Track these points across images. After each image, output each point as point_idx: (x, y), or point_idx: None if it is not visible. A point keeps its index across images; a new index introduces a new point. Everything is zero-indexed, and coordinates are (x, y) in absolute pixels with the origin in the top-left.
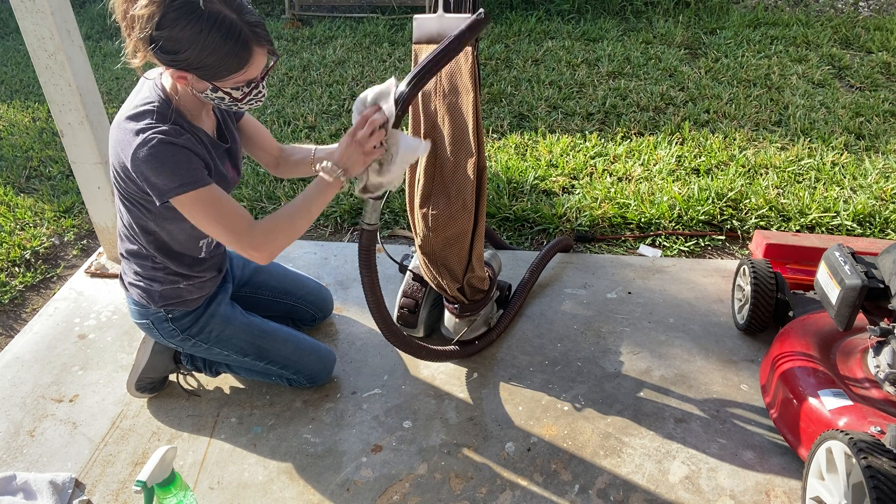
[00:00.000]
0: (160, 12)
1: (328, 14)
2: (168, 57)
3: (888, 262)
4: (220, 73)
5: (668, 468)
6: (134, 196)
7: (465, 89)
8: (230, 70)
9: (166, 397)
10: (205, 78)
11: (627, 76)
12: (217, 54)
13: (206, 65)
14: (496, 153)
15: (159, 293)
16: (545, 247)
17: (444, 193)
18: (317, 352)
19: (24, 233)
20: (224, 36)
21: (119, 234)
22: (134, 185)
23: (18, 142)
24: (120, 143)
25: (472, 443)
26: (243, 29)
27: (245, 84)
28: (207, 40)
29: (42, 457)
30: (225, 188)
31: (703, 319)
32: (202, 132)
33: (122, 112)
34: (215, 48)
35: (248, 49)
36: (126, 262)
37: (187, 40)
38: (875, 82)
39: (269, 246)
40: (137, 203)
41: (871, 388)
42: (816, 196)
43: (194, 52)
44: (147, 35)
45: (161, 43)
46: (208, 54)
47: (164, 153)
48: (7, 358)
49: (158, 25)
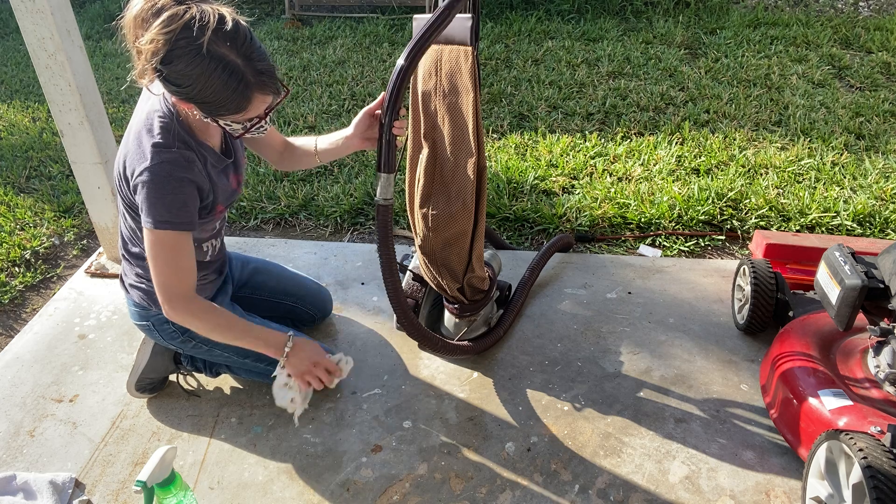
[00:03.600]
0: (164, 49)
1: (328, 14)
2: (172, 87)
3: (888, 262)
4: (220, 113)
5: (668, 468)
6: (135, 207)
7: (465, 89)
8: (230, 111)
9: (166, 397)
10: (205, 112)
11: (627, 76)
12: (217, 95)
13: (206, 102)
14: (496, 153)
15: None
16: (545, 245)
17: (444, 193)
18: None
19: (24, 233)
20: (225, 80)
21: (121, 236)
22: (132, 198)
23: (18, 142)
24: (131, 155)
25: (472, 443)
26: (246, 75)
27: (246, 121)
28: (208, 81)
29: (42, 457)
30: (227, 199)
31: (703, 319)
32: (208, 150)
33: (134, 122)
34: (215, 90)
35: (248, 96)
36: (127, 263)
37: (190, 77)
38: (875, 82)
39: (184, 321)
40: (138, 213)
41: (871, 388)
42: (816, 196)
43: (195, 89)
44: (153, 66)
45: (166, 74)
46: (209, 94)
47: (166, 186)
48: (7, 358)
49: (163, 61)
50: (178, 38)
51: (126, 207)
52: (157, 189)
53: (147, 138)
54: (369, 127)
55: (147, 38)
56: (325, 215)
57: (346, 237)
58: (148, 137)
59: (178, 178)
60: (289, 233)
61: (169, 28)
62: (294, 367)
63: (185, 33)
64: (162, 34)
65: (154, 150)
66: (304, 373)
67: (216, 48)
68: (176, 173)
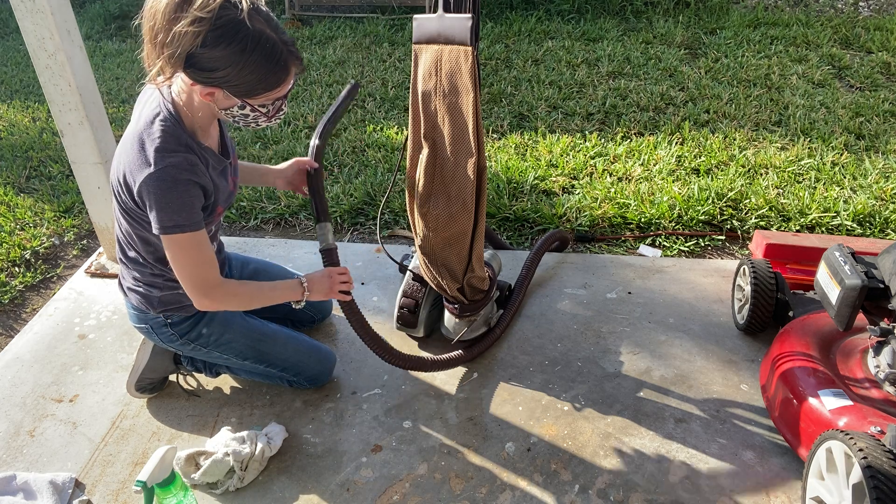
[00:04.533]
0: (206, 30)
1: (328, 14)
2: (203, 74)
3: (888, 262)
4: (256, 91)
5: (668, 468)
6: (134, 212)
7: (465, 89)
8: (266, 88)
9: (166, 397)
10: (237, 95)
11: (627, 76)
12: (257, 73)
13: (243, 82)
14: (496, 153)
15: (158, 299)
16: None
17: (444, 193)
18: (317, 353)
19: (24, 233)
20: (266, 55)
21: (117, 240)
22: (135, 204)
23: (18, 142)
24: (131, 163)
25: (472, 443)
26: (282, 48)
27: (276, 100)
28: (250, 59)
29: (42, 457)
30: (226, 201)
31: (703, 319)
32: (209, 151)
33: (133, 128)
34: (256, 67)
35: (287, 68)
36: (125, 267)
37: (228, 58)
38: (875, 82)
39: (223, 305)
40: (138, 218)
41: (871, 388)
42: (816, 196)
43: (234, 70)
44: (185, 52)
45: (198, 59)
46: (249, 72)
47: (172, 190)
48: (7, 358)
49: (203, 43)
50: (219, 16)
51: (123, 212)
52: (163, 194)
53: (149, 143)
54: (296, 174)
55: (186, 22)
56: None
57: (346, 237)
58: (150, 142)
59: (184, 182)
60: (289, 233)
61: (209, 8)
62: (319, 294)
63: (224, 12)
64: (204, 13)
65: (157, 154)
66: (330, 290)
67: (255, 24)
68: (181, 176)
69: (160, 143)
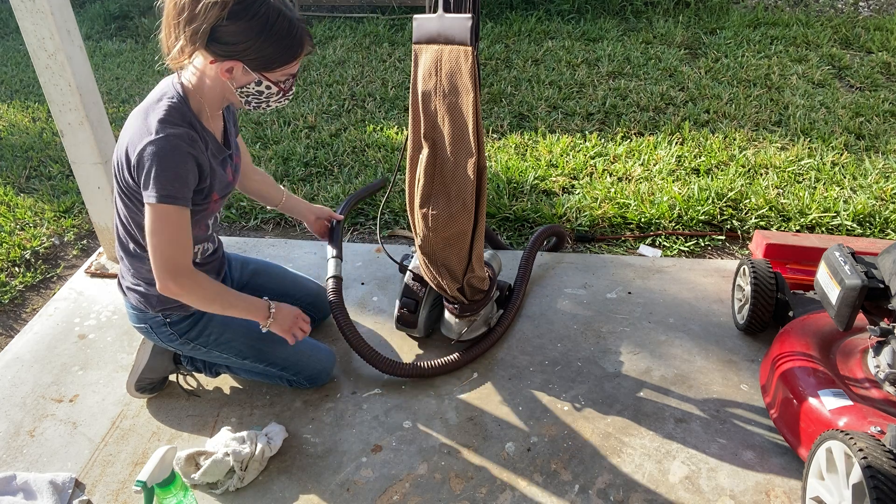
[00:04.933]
0: (228, 6)
1: (328, 14)
2: (224, 48)
3: (888, 262)
4: (273, 65)
5: (668, 468)
6: (131, 190)
7: (465, 89)
8: (282, 62)
9: (166, 397)
10: (255, 69)
11: (627, 76)
12: (276, 46)
13: (262, 55)
14: (496, 153)
15: (157, 297)
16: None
17: (444, 193)
18: (316, 352)
19: (24, 233)
20: (285, 29)
21: (117, 235)
22: (132, 177)
23: (18, 142)
24: (135, 133)
25: (472, 443)
26: (298, 24)
27: (288, 76)
28: (270, 32)
29: (42, 457)
30: (223, 190)
31: (703, 319)
32: (210, 136)
33: (141, 105)
34: (275, 40)
35: (301, 44)
36: (124, 264)
37: (250, 31)
38: (875, 82)
39: (186, 293)
40: (134, 198)
41: (871, 388)
42: (816, 196)
43: (255, 42)
44: (210, 27)
45: (221, 33)
46: (268, 45)
47: (170, 158)
48: (7, 358)
49: (230, 15)
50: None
51: (122, 194)
52: (161, 161)
53: (153, 115)
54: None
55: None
56: None
57: (346, 237)
58: (154, 115)
59: (183, 153)
60: (289, 233)
61: None
62: (278, 327)
63: None
64: None
65: (160, 125)
66: (290, 328)
67: (274, 1)
68: (181, 147)
69: (164, 115)
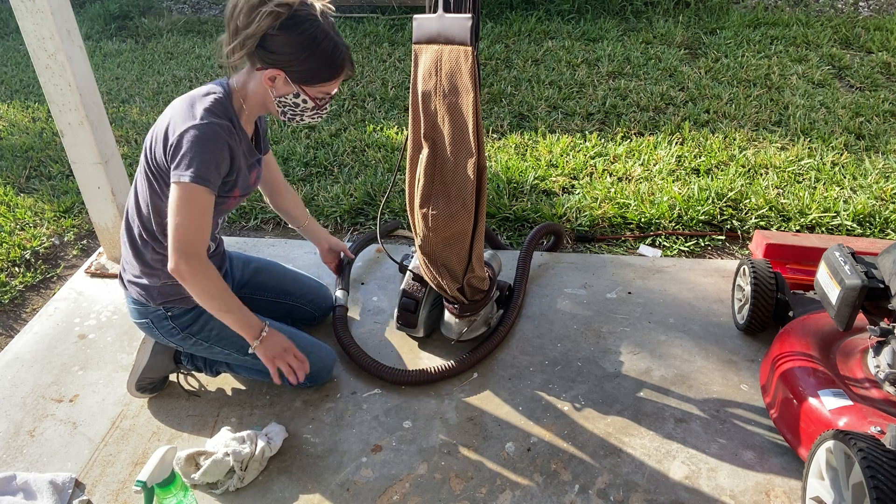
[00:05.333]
0: (286, 14)
1: None
2: (271, 56)
3: (888, 262)
4: (313, 80)
5: (668, 468)
6: (161, 171)
7: (465, 89)
8: (322, 79)
9: (166, 397)
10: (296, 81)
11: (627, 76)
12: (318, 63)
13: (305, 69)
14: (496, 153)
15: (158, 289)
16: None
17: (444, 193)
18: (317, 351)
19: (24, 233)
20: (329, 50)
21: (125, 222)
22: (166, 158)
23: (18, 142)
24: (179, 116)
25: (472, 443)
26: (343, 49)
27: (325, 94)
28: (315, 49)
29: (42, 457)
30: (244, 188)
31: (703, 319)
32: (244, 136)
33: (186, 95)
34: (318, 57)
35: (342, 67)
36: (126, 257)
37: (297, 44)
38: (875, 82)
39: (193, 278)
40: (161, 180)
41: (871, 388)
42: (816, 196)
43: (300, 55)
44: (261, 33)
45: (270, 42)
46: (312, 61)
47: (210, 143)
48: (7, 358)
49: (281, 26)
50: (297, 9)
51: (149, 175)
52: (201, 144)
53: (199, 104)
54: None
55: (269, 8)
56: (326, 215)
57: (346, 237)
58: (200, 104)
59: (222, 141)
60: (289, 233)
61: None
62: (264, 352)
63: (302, 7)
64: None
65: (206, 112)
66: (275, 357)
67: (328, 22)
68: (221, 135)
69: (210, 105)
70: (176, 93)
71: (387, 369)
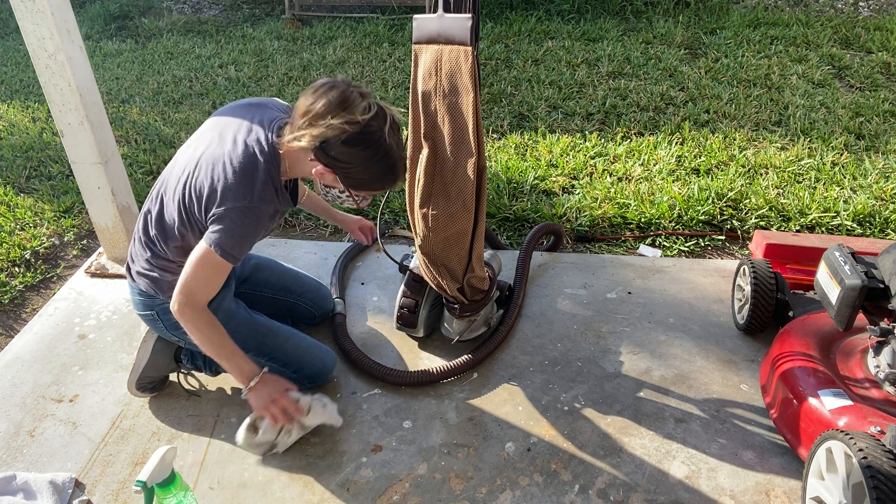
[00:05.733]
0: (348, 132)
1: (328, 14)
2: (328, 159)
3: (888, 262)
4: (363, 188)
5: (668, 468)
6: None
7: (465, 89)
8: (371, 189)
9: (166, 397)
10: (346, 184)
11: (627, 76)
12: (372, 176)
13: (357, 178)
14: (496, 153)
15: (168, 283)
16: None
17: (444, 193)
18: (318, 351)
19: (24, 233)
20: (386, 167)
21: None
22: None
23: (18, 142)
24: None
25: (472, 443)
26: (400, 166)
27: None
28: (372, 165)
29: (42, 457)
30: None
31: (703, 319)
32: (285, 196)
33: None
34: (373, 172)
35: (394, 181)
36: (139, 250)
37: (356, 157)
38: (875, 82)
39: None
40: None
41: (871, 388)
42: (816, 196)
43: (356, 167)
44: (326, 138)
45: (331, 147)
46: (366, 174)
47: (250, 227)
48: (7, 358)
49: (344, 142)
50: (367, 124)
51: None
52: (242, 227)
53: (252, 178)
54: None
55: (340, 121)
56: None
57: (347, 237)
58: (253, 177)
59: (263, 225)
60: (289, 233)
61: (363, 116)
62: (255, 399)
63: (372, 122)
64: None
65: (259, 194)
66: (264, 406)
67: (389, 140)
68: (263, 222)
69: (263, 185)
70: (176, 93)
71: (387, 371)
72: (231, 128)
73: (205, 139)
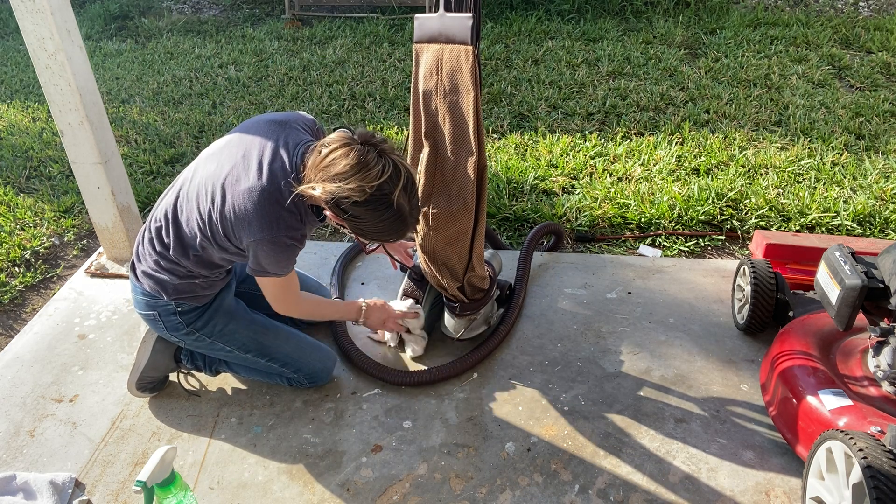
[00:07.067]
0: (361, 198)
1: (328, 14)
2: (342, 213)
3: (888, 262)
4: (373, 238)
5: (668, 468)
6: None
7: (465, 89)
8: (381, 240)
9: (166, 397)
10: (356, 233)
11: (627, 76)
12: (382, 230)
13: (367, 231)
14: (496, 153)
15: (174, 286)
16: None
17: (445, 192)
18: (317, 351)
19: (24, 233)
20: (396, 224)
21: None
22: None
23: (18, 142)
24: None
25: (472, 443)
26: (409, 219)
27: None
28: (382, 223)
29: (42, 457)
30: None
31: (703, 319)
32: (310, 218)
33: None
34: (383, 227)
35: (403, 235)
36: (147, 251)
37: (366, 215)
38: (875, 82)
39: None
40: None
41: (871, 388)
42: (816, 196)
43: (366, 223)
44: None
45: (343, 203)
46: (375, 228)
47: (282, 253)
48: (7, 358)
49: (356, 203)
50: (379, 188)
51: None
52: (275, 254)
53: (276, 211)
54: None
55: (354, 186)
56: None
57: (347, 237)
58: (277, 211)
59: (296, 248)
60: None
61: (376, 182)
62: (371, 324)
63: (384, 186)
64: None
65: (283, 227)
66: (380, 326)
67: (400, 200)
68: (295, 247)
69: (286, 217)
70: (176, 93)
71: (387, 370)
72: (256, 149)
73: (229, 157)
